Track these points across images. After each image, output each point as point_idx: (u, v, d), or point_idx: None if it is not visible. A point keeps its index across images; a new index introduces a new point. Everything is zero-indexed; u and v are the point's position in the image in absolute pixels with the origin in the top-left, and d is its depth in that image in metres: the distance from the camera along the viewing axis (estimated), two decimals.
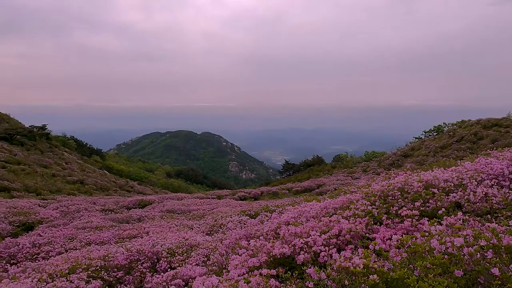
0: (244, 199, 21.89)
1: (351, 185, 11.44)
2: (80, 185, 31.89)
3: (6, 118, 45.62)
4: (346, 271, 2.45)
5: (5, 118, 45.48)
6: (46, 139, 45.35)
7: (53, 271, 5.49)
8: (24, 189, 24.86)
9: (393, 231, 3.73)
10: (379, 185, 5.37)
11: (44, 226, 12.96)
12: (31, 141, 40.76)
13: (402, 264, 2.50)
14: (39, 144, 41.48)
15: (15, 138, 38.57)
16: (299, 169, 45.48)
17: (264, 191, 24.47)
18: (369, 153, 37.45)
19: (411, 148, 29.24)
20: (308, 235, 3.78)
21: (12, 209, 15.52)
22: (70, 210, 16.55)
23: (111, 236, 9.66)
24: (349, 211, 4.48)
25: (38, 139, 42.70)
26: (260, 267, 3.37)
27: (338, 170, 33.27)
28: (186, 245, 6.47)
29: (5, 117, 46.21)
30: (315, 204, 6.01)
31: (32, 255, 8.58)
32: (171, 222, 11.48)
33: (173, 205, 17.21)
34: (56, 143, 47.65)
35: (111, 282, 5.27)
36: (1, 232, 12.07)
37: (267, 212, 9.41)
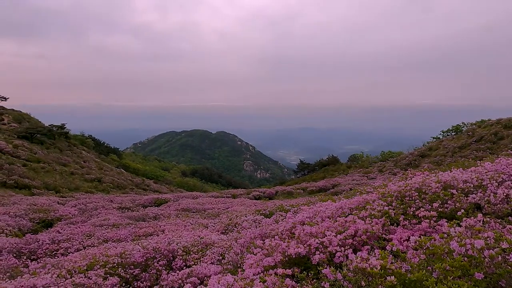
0: (258, 198, 21.90)
1: (366, 185, 11.32)
2: (98, 183, 32.45)
3: (27, 118, 46.76)
4: (362, 272, 2.43)
5: (26, 118, 46.61)
6: (65, 138, 46.29)
7: (72, 267, 5.59)
8: (43, 186, 25.44)
9: (410, 232, 3.67)
10: (396, 186, 5.30)
11: (63, 223, 13.24)
12: (50, 140, 41.67)
13: (420, 266, 2.46)
14: (58, 143, 42.37)
15: (35, 137, 39.49)
16: (314, 168, 45.26)
17: (279, 190, 24.43)
18: (385, 153, 37.00)
19: (428, 148, 28.74)
20: (324, 235, 3.76)
21: (32, 206, 15.89)
22: (88, 208, 16.85)
23: (127, 233, 9.79)
24: (365, 212, 4.43)
25: (57, 138, 43.62)
26: (275, 267, 3.36)
27: (354, 170, 32.97)
28: (201, 243, 6.51)
29: (26, 116, 47.35)
30: (330, 204, 5.97)
31: (51, 251, 8.76)
32: (186, 220, 11.57)
33: (188, 203, 17.33)
34: (75, 142, 48.60)
35: (128, 279, 5.35)
36: (22, 228, 12.38)
37: (282, 211, 9.39)
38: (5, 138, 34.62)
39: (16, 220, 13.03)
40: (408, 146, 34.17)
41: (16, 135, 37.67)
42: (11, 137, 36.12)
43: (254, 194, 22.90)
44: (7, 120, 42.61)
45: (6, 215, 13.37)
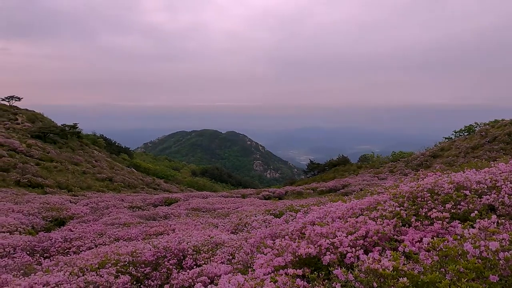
0: (268, 198, 21.89)
1: (377, 185, 11.24)
2: (109, 182, 32.80)
3: (40, 117, 47.49)
4: (374, 273, 2.41)
5: (39, 117, 47.34)
6: (77, 138, 46.90)
7: (84, 265, 5.66)
8: (56, 185, 25.80)
9: (423, 234, 3.63)
10: (407, 186, 5.24)
11: (75, 222, 13.41)
12: (63, 139, 42.24)
13: (433, 267, 2.43)
14: (70, 142, 42.93)
15: (48, 136, 40.08)
16: (324, 169, 45.07)
17: (289, 190, 24.39)
18: (396, 153, 36.67)
19: (440, 148, 28.40)
20: (334, 235, 3.74)
21: (45, 204, 16.13)
22: (100, 207, 17.04)
23: (138, 232, 9.87)
24: (376, 212, 4.40)
25: (69, 138, 44.20)
26: (286, 267, 3.36)
27: (364, 171, 32.75)
28: (211, 243, 6.53)
29: (39, 116, 48.10)
30: (341, 204, 5.93)
31: (64, 249, 8.87)
32: (197, 220, 11.62)
33: (199, 203, 17.41)
34: (87, 141, 49.20)
35: (139, 277, 5.39)
36: (35, 226, 12.57)
37: (291, 211, 9.38)
38: (19, 138, 35.20)
39: (30, 218, 13.24)
40: (420, 146, 33.84)
41: (30, 134, 38.29)
42: (24, 137, 36.72)
43: (263, 194, 22.91)
44: (21, 120, 43.32)
45: (20, 213, 13.59)
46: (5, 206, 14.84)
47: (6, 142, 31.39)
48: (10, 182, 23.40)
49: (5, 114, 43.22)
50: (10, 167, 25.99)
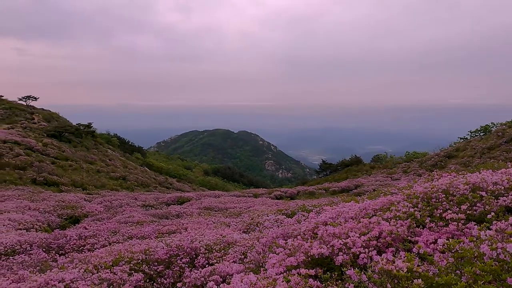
0: (280, 198, 21.86)
1: (391, 186, 11.12)
2: (123, 181, 33.18)
3: (55, 117, 48.35)
4: (388, 274, 2.38)
5: (55, 117, 48.20)
6: (92, 137, 47.57)
7: (98, 263, 5.74)
8: (71, 183, 26.22)
9: (437, 235, 3.58)
10: (421, 187, 5.17)
11: (89, 220, 13.61)
12: (78, 138, 42.91)
13: (448, 269, 2.39)
14: (85, 141, 43.58)
15: (63, 135, 40.76)
16: (337, 169, 44.81)
17: (301, 190, 24.32)
18: (410, 154, 36.23)
19: (455, 149, 27.96)
20: (347, 236, 3.71)
21: (60, 202, 16.41)
22: (113, 205, 17.26)
23: (151, 231, 9.97)
24: (390, 213, 4.35)
25: (84, 137, 44.87)
26: (298, 267, 3.35)
27: (377, 171, 32.46)
28: (223, 242, 6.56)
29: (54, 115, 48.97)
30: (353, 204, 5.88)
31: (78, 246, 9.02)
32: (209, 219, 11.68)
33: (211, 202, 17.49)
34: (101, 140, 49.87)
35: (151, 275, 5.44)
36: (51, 224, 12.81)
37: (304, 211, 9.35)
38: (36, 137, 35.88)
39: (46, 216, 13.49)
40: (434, 146, 33.35)
41: (46, 133, 39.01)
42: (41, 136, 37.42)
43: (275, 193, 22.89)
44: (37, 119, 44.17)
45: (36, 211, 13.87)
46: (22, 203, 15.15)
47: (23, 141, 32.03)
48: (27, 180, 23.87)
49: (22, 114, 44.11)
50: (27, 166, 26.52)
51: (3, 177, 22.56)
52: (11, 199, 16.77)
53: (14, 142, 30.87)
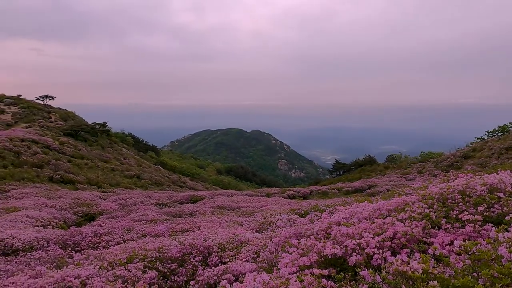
0: (293, 197, 21.81)
1: (405, 186, 10.98)
2: (137, 179, 33.56)
3: (72, 116, 49.18)
4: (403, 276, 2.35)
5: (71, 116, 49.02)
6: (107, 136, 48.23)
7: (113, 260, 5.82)
8: (86, 182, 26.65)
9: (453, 236, 3.52)
10: (437, 187, 5.09)
11: (104, 217, 13.81)
12: (93, 137, 43.57)
13: (465, 271, 2.35)
14: (100, 140, 44.22)
15: (79, 134, 41.43)
16: (350, 169, 44.46)
17: (314, 190, 24.21)
18: (425, 154, 35.72)
19: (472, 149, 27.44)
20: (361, 236, 3.68)
21: (76, 200, 16.70)
22: (128, 203, 17.47)
23: (165, 229, 10.06)
24: (405, 214, 4.29)
25: (99, 136, 45.53)
26: (311, 267, 3.33)
27: (391, 171, 32.08)
28: (236, 241, 6.58)
29: (71, 114, 49.81)
30: (367, 205, 5.83)
31: (93, 243, 9.16)
32: (222, 218, 11.72)
33: (223, 201, 17.55)
34: (116, 139, 50.51)
35: (165, 273, 5.49)
36: (67, 221, 13.04)
37: (317, 211, 9.30)
38: (52, 135, 36.57)
39: (62, 213, 13.74)
40: (450, 146, 32.79)
41: (62, 132, 39.71)
42: (57, 134, 38.13)
43: (288, 193, 22.84)
44: (54, 118, 44.99)
45: (53, 208, 14.14)
46: (39, 201, 15.47)
47: (40, 139, 32.68)
48: (44, 178, 24.34)
49: (39, 113, 44.99)
50: (44, 164, 27.06)
51: (21, 175, 23.05)
52: (28, 196, 17.13)
53: (32, 140, 31.52)
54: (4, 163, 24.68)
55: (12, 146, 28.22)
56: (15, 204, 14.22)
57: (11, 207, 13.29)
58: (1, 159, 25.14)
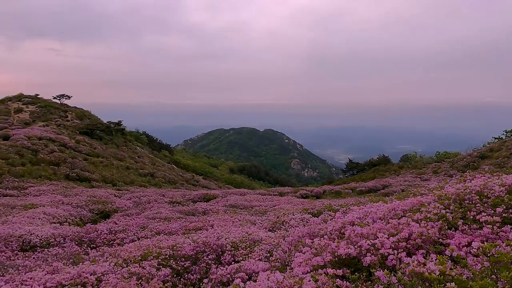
0: (306, 197, 21.72)
1: (420, 186, 10.82)
2: (151, 177, 33.90)
3: (87, 115, 49.94)
4: (419, 277, 2.32)
5: (87, 115, 49.79)
6: (121, 134, 48.84)
7: (127, 257, 5.89)
8: (102, 179, 27.05)
9: (470, 238, 3.45)
10: (453, 188, 5.01)
11: (119, 215, 13.99)
12: (108, 136, 44.17)
13: (483, 273, 2.30)
14: (115, 138, 44.80)
15: (95, 133, 42.06)
16: (364, 168, 44.06)
17: (327, 190, 24.07)
18: (440, 154, 35.16)
19: (489, 149, 26.89)
20: (375, 236, 3.65)
21: (92, 198, 16.97)
22: (142, 201, 17.66)
23: (178, 227, 10.12)
24: (420, 214, 4.23)
25: (114, 134, 46.14)
26: (325, 266, 3.32)
27: (406, 171, 31.67)
28: (249, 240, 6.58)
29: (86, 113, 50.59)
30: (381, 205, 5.77)
31: (108, 241, 9.28)
32: (234, 216, 11.74)
33: (236, 200, 17.58)
34: (130, 138, 51.11)
35: (179, 270, 5.53)
36: (83, 218, 13.26)
37: (330, 211, 9.25)
38: (69, 134, 37.22)
39: (78, 210, 13.98)
40: (466, 146, 32.23)
41: (78, 131, 40.38)
42: (74, 133, 38.78)
43: (301, 192, 22.75)
44: (71, 117, 45.77)
45: (69, 206, 14.40)
46: (56, 198, 15.77)
47: (57, 138, 33.29)
48: (61, 176, 24.81)
49: (56, 112, 45.82)
50: (61, 162, 27.57)
51: (38, 173, 23.53)
52: (46, 193, 17.49)
53: (49, 139, 32.14)
54: (22, 161, 25.23)
55: (30, 144, 28.83)
56: (33, 201, 14.53)
57: (29, 204, 13.58)
58: (20, 157, 25.71)
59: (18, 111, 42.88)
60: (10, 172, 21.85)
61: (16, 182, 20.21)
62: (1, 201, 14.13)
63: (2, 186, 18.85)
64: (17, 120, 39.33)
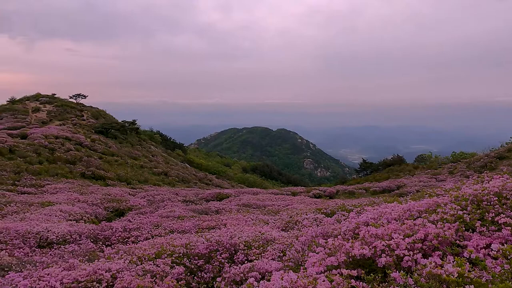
0: (319, 197, 21.62)
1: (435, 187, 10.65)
2: (164, 176, 34.20)
3: (103, 114, 50.67)
4: (437, 279, 2.28)
5: (102, 114, 50.51)
6: (136, 133, 49.41)
7: (142, 255, 5.95)
8: (116, 178, 27.40)
9: (489, 240, 3.38)
10: (471, 189, 4.90)
11: (133, 213, 14.15)
12: (123, 135, 44.72)
13: (503, 276, 2.25)
14: (129, 137, 45.33)
15: (110, 132, 42.64)
16: (377, 168, 43.60)
17: (340, 190, 23.91)
18: (456, 154, 34.53)
19: (507, 149, 26.29)
20: (390, 237, 3.60)
21: (107, 196, 17.20)
22: (156, 200, 17.83)
23: (191, 226, 10.19)
24: (436, 215, 4.16)
25: (129, 133, 46.69)
26: (339, 267, 3.29)
27: (421, 171, 31.23)
28: (262, 239, 6.58)
29: (102, 113, 51.32)
30: (396, 205, 5.69)
31: (123, 238, 9.40)
32: (247, 216, 11.75)
33: (249, 199, 17.60)
34: (144, 137, 51.66)
35: (192, 269, 5.56)
36: (98, 216, 13.45)
37: (343, 211, 9.18)
38: (84, 133, 37.82)
39: (93, 208, 14.19)
40: (483, 146, 31.57)
41: (94, 130, 41.01)
42: (89, 132, 39.40)
43: (314, 192, 22.66)
44: (86, 116, 46.50)
45: (84, 203, 14.62)
46: (72, 196, 16.04)
47: (73, 136, 33.86)
48: (76, 174, 25.22)
49: (72, 111, 46.62)
50: (77, 160, 28.03)
51: (55, 171, 23.97)
52: (62, 191, 17.80)
53: (65, 137, 32.71)
54: (40, 159, 25.74)
55: (47, 143, 29.39)
56: (50, 199, 14.81)
57: (46, 202, 13.84)
58: (37, 156, 26.23)
59: (35, 110, 43.77)
60: (28, 170, 22.30)
61: (34, 180, 20.62)
62: (19, 198, 14.43)
63: (20, 184, 19.24)
64: (35, 119, 40.15)
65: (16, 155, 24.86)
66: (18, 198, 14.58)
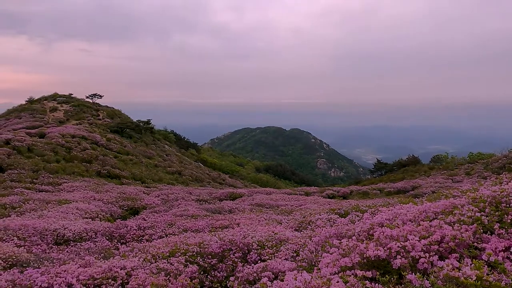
0: (332, 197, 21.47)
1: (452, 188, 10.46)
2: (178, 175, 34.47)
3: (118, 114, 51.38)
4: (454, 282, 2.24)
5: (117, 114, 51.22)
6: (150, 133, 49.95)
7: (156, 253, 6.01)
8: (131, 177, 27.73)
9: (508, 242, 3.30)
10: (489, 190, 4.80)
11: (147, 212, 14.29)
12: (138, 134, 45.26)
13: None
14: (144, 137, 45.84)
15: (125, 131, 43.20)
16: (392, 169, 43.08)
17: (354, 190, 23.71)
18: (473, 154, 33.85)
19: None
20: (406, 239, 3.55)
21: (121, 194, 17.42)
22: (169, 198, 17.97)
23: (205, 225, 10.23)
24: (453, 217, 4.09)
25: (143, 133, 47.22)
26: (353, 268, 3.26)
27: (436, 172, 30.72)
28: (275, 239, 6.57)
29: (117, 112, 52.04)
30: (412, 206, 5.61)
31: (137, 236, 9.50)
32: (260, 215, 11.75)
33: (262, 199, 17.59)
34: (158, 136, 52.18)
35: (206, 267, 5.59)
36: (113, 214, 13.63)
37: (357, 212, 9.09)
38: (100, 132, 38.39)
39: (108, 206, 14.39)
40: (502, 147, 30.86)
41: (109, 129, 41.61)
42: (105, 131, 39.99)
43: (327, 192, 22.51)
44: (102, 116, 47.21)
45: (100, 202, 14.84)
46: (88, 194, 16.30)
47: (89, 136, 34.42)
48: (92, 173, 25.63)
49: (88, 111, 47.39)
50: (92, 159, 28.49)
51: (71, 169, 24.41)
52: (78, 189, 18.11)
53: (82, 137, 33.27)
54: (57, 158, 26.25)
55: (64, 142, 29.93)
56: (67, 197, 15.08)
57: (63, 200, 14.10)
58: (54, 154, 26.75)
59: (53, 110, 44.65)
60: (46, 168, 22.76)
61: (51, 178, 21.03)
62: (37, 196, 14.73)
63: (38, 182, 19.66)
64: (52, 118, 40.96)
65: (34, 154, 25.39)
66: (36, 196, 14.89)
